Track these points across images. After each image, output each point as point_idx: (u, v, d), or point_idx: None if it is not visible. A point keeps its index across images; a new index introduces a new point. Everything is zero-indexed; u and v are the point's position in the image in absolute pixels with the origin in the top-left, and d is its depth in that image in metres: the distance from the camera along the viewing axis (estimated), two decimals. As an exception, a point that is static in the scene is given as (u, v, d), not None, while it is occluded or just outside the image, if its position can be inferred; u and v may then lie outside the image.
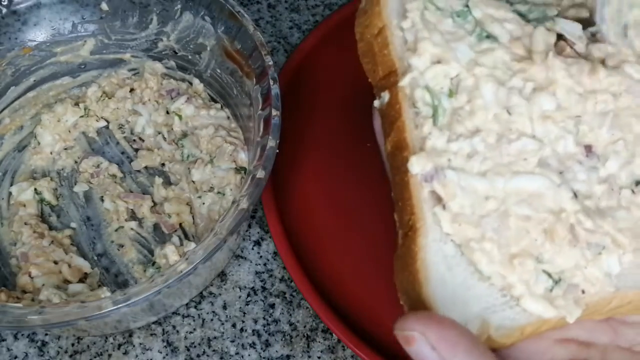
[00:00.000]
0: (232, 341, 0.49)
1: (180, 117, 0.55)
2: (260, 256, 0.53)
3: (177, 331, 0.49)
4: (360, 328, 0.48)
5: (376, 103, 0.35)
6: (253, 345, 0.49)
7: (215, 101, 0.56)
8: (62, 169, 0.56)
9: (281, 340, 0.49)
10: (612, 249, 0.31)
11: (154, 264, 0.49)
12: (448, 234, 0.31)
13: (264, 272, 0.52)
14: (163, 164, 0.55)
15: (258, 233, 0.54)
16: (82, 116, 0.56)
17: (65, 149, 0.56)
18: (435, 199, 0.31)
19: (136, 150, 0.56)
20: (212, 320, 0.50)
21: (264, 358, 0.49)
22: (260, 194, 0.41)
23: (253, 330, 0.50)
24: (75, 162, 0.56)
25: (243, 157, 0.51)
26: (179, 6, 0.52)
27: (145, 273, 0.50)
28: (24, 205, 0.52)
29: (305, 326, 0.50)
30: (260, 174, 0.41)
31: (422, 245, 0.30)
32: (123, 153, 0.56)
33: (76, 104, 0.56)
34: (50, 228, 0.52)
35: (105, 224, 0.53)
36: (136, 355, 0.48)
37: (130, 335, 0.49)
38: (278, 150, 0.43)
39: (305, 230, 0.52)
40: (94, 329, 0.48)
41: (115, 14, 0.53)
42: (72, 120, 0.56)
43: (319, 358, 0.49)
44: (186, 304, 0.50)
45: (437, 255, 0.30)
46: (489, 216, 0.30)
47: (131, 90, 0.57)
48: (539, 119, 0.32)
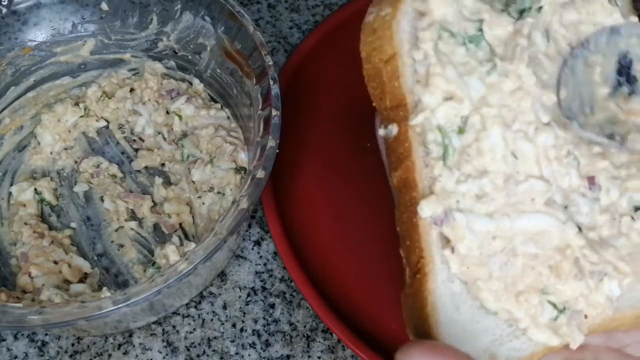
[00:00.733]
0: (232, 341, 0.49)
1: (180, 117, 0.55)
2: (260, 256, 0.53)
3: (177, 331, 0.49)
4: (360, 328, 0.48)
5: (381, 132, 0.34)
6: (253, 345, 0.49)
7: (215, 101, 0.56)
8: (62, 169, 0.56)
9: (281, 340, 0.49)
10: (613, 274, 0.31)
11: (154, 264, 0.49)
12: (456, 274, 0.31)
13: (264, 272, 0.52)
14: (163, 164, 0.55)
15: (258, 233, 0.54)
16: (82, 116, 0.56)
17: (65, 149, 0.56)
18: (444, 239, 0.31)
19: (136, 150, 0.56)
20: (212, 320, 0.50)
21: (264, 358, 0.49)
22: (260, 194, 0.41)
23: (253, 330, 0.50)
24: (75, 162, 0.56)
25: (243, 157, 0.51)
26: (179, 6, 0.52)
27: (145, 273, 0.50)
28: (24, 205, 0.52)
29: (305, 326, 0.50)
30: (260, 174, 0.41)
31: (432, 289, 0.30)
32: (123, 153, 0.56)
33: (76, 104, 0.57)
34: (50, 228, 0.52)
35: (105, 224, 0.53)
36: (136, 355, 0.48)
37: (130, 335, 0.49)
38: (278, 150, 0.43)
39: (305, 230, 0.52)
40: (94, 329, 0.48)
41: (115, 14, 0.53)
42: (72, 120, 0.56)
43: (319, 358, 0.49)
44: (186, 304, 0.50)
45: (446, 296, 0.30)
46: (495, 255, 0.31)
47: (131, 90, 0.57)
48: (545, 159, 0.32)
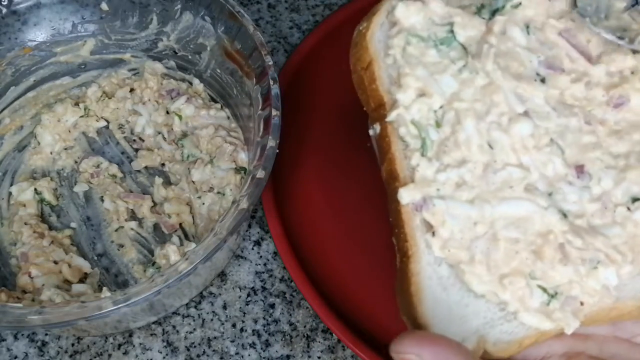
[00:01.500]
0: (232, 341, 0.49)
1: (180, 117, 0.55)
2: (260, 256, 0.53)
3: (177, 331, 0.49)
4: (360, 328, 0.48)
5: (371, 132, 0.37)
6: (253, 345, 0.49)
7: (216, 101, 0.56)
8: (62, 169, 0.56)
9: (281, 340, 0.49)
10: (608, 263, 0.31)
11: (154, 264, 0.49)
12: (441, 257, 0.32)
13: (264, 272, 0.52)
14: (163, 164, 0.55)
15: (258, 233, 0.54)
16: (82, 116, 0.56)
17: (65, 149, 0.56)
18: (427, 225, 0.32)
19: (136, 150, 0.56)
20: (212, 320, 0.50)
21: (264, 358, 0.48)
22: (260, 194, 0.41)
23: (253, 330, 0.50)
24: (75, 162, 0.56)
25: (243, 157, 0.51)
26: (179, 6, 0.52)
27: (145, 273, 0.50)
28: (24, 205, 0.52)
29: (305, 326, 0.50)
30: (260, 174, 0.41)
31: (415, 271, 0.31)
32: (123, 153, 0.56)
33: (76, 104, 0.57)
34: (50, 228, 0.52)
35: (105, 224, 0.53)
36: (136, 355, 0.48)
37: (130, 335, 0.49)
38: (278, 150, 0.43)
39: (305, 230, 0.52)
40: (94, 329, 0.48)
41: (115, 14, 0.53)
42: (72, 120, 0.56)
43: (319, 358, 0.49)
44: (186, 304, 0.50)
45: (432, 278, 0.31)
46: (478, 240, 0.31)
47: (131, 90, 0.57)
48: (522, 148, 0.33)
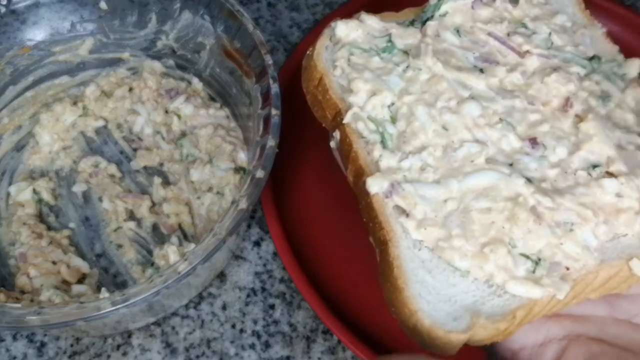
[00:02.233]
0: (232, 342, 0.49)
1: (179, 117, 0.54)
2: (260, 257, 0.53)
3: (177, 332, 0.49)
4: (360, 329, 0.47)
5: (332, 144, 0.39)
6: (253, 346, 0.49)
7: (215, 100, 0.56)
8: (61, 169, 0.55)
9: (281, 341, 0.49)
10: (581, 223, 0.32)
11: (153, 264, 0.49)
12: (419, 240, 0.32)
13: (263, 273, 0.52)
14: (162, 164, 0.55)
15: (258, 233, 0.54)
16: (81, 116, 0.56)
17: (64, 149, 0.56)
18: (400, 212, 0.33)
19: (135, 149, 0.56)
20: (212, 321, 0.50)
21: (263, 359, 0.48)
22: (260, 194, 0.41)
23: (253, 331, 0.49)
24: (74, 162, 0.55)
25: (242, 157, 0.51)
26: (178, 5, 0.51)
27: (144, 274, 0.49)
28: (23, 205, 0.52)
29: (305, 327, 0.50)
30: (260, 173, 0.41)
31: (396, 254, 0.32)
32: (122, 153, 0.56)
33: (75, 104, 0.56)
34: (49, 228, 0.52)
35: (104, 224, 0.52)
36: (135, 356, 0.48)
37: (129, 336, 0.49)
38: (278, 150, 0.42)
39: (305, 231, 0.52)
40: (93, 330, 0.48)
41: (114, 13, 0.53)
42: (71, 119, 0.56)
43: (319, 359, 0.48)
44: (185, 305, 0.50)
45: (414, 261, 0.32)
46: (451, 216, 0.32)
47: (130, 89, 0.57)
48: (475, 127, 0.35)
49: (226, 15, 0.49)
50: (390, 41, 0.39)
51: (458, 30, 0.39)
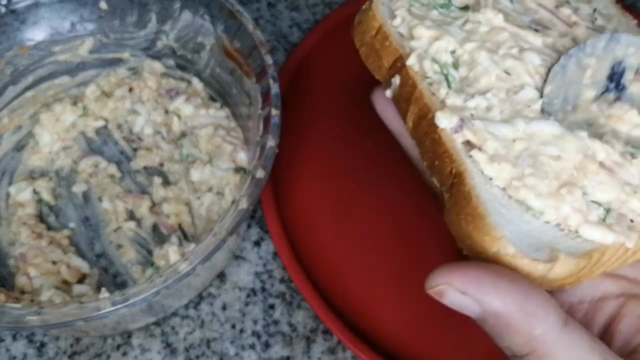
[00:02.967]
0: (232, 342, 0.49)
1: (179, 117, 0.54)
2: (260, 257, 0.53)
3: (176, 332, 0.49)
4: (360, 329, 0.47)
5: (388, 93, 0.38)
6: (253, 346, 0.49)
7: (215, 100, 0.56)
8: (61, 169, 0.55)
9: (281, 341, 0.49)
10: None
11: (152, 264, 0.49)
12: (490, 178, 0.32)
13: (263, 273, 0.52)
14: (162, 164, 0.55)
15: (258, 233, 0.54)
16: (81, 116, 0.56)
17: (64, 149, 0.56)
18: (469, 147, 0.33)
19: (135, 149, 0.56)
20: (212, 321, 0.50)
21: (263, 359, 0.48)
22: (260, 194, 0.41)
23: (253, 331, 0.49)
24: (74, 162, 0.55)
25: (242, 157, 0.51)
26: (178, 5, 0.51)
27: (144, 274, 0.49)
28: (23, 206, 0.52)
29: (305, 327, 0.50)
30: (260, 173, 0.41)
31: (472, 185, 0.31)
32: (122, 153, 0.56)
33: (75, 104, 0.56)
34: (49, 228, 0.52)
35: (104, 224, 0.52)
36: (135, 357, 0.48)
37: (129, 336, 0.49)
38: (278, 150, 0.42)
39: (305, 230, 0.52)
40: (93, 330, 0.48)
41: (114, 13, 0.53)
42: (71, 119, 0.56)
43: (319, 359, 0.48)
44: (185, 305, 0.50)
45: (488, 194, 0.31)
46: (521, 157, 0.32)
47: (130, 89, 0.57)
48: (536, 74, 0.35)
49: (226, 15, 0.49)
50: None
51: None
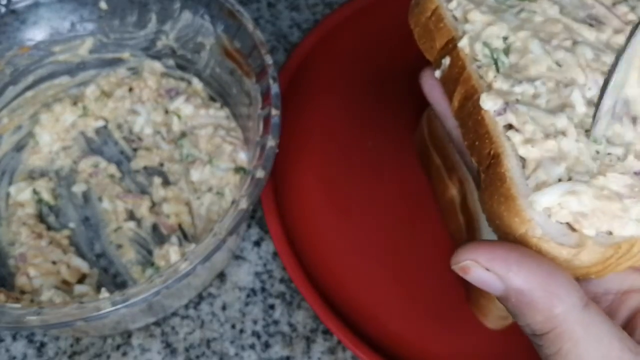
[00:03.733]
0: (232, 342, 0.49)
1: (179, 117, 0.54)
2: (260, 257, 0.53)
3: (176, 332, 0.49)
4: (360, 329, 0.47)
5: (437, 73, 0.39)
6: (253, 346, 0.49)
7: (215, 100, 0.56)
8: (61, 169, 0.55)
9: (281, 341, 0.49)
10: None
11: (152, 264, 0.49)
12: (523, 159, 0.32)
13: (263, 273, 0.52)
14: (162, 164, 0.55)
15: (258, 233, 0.54)
16: (81, 116, 0.56)
17: (64, 149, 0.56)
18: (509, 129, 0.33)
19: (135, 149, 0.56)
20: (212, 321, 0.50)
21: (263, 359, 0.48)
22: (260, 194, 0.41)
23: (253, 331, 0.49)
24: (74, 162, 0.55)
25: (242, 157, 0.51)
26: (178, 5, 0.51)
27: (144, 274, 0.49)
28: (23, 206, 0.52)
29: (305, 327, 0.50)
30: (260, 173, 0.41)
31: (508, 167, 0.32)
32: (122, 153, 0.56)
33: (75, 104, 0.56)
34: (49, 228, 0.52)
35: (104, 224, 0.52)
36: (135, 357, 0.48)
37: (129, 337, 0.49)
38: (278, 150, 0.42)
39: (305, 230, 0.52)
40: (93, 330, 0.48)
41: (114, 13, 0.53)
42: (71, 119, 0.56)
43: (319, 359, 0.48)
44: (185, 305, 0.50)
45: (523, 177, 0.31)
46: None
47: (130, 89, 0.57)
48: (587, 68, 0.35)
49: (226, 15, 0.49)
50: None
51: None
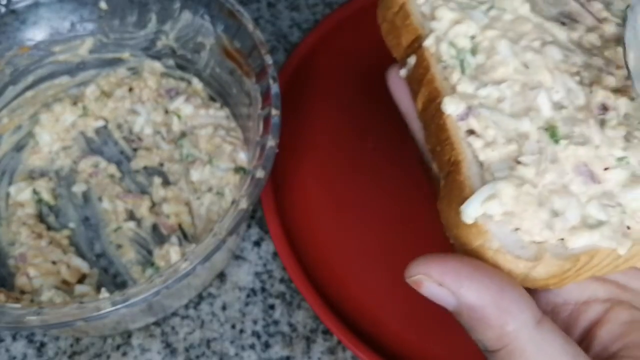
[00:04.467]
0: (232, 342, 0.49)
1: (179, 117, 0.54)
2: (260, 257, 0.53)
3: (176, 332, 0.49)
4: (360, 329, 0.47)
5: (403, 72, 0.38)
6: (252, 346, 0.49)
7: (215, 100, 0.56)
8: (61, 169, 0.55)
9: (281, 341, 0.49)
10: None
11: (153, 264, 0.49)
12: (482, 163, 0.31)
13: (263, 273, 0.52)
14: (162, 164, 0.55)
15: (257, 233, 0.54)
16: (81, 116, 0.56)
17: (64, 149, 0.56)
18: (471, 134, 0.32)
19: (135, 149, 0.56)
20: (212, 321, 0.50)
21: (263, 359, 0.48)
22: (260, 194, 0.41)
23: (252, 332, 0.49)
24: (74, 162, 0.55)
25: (242, 157, 0.51)
26: (178, 5, 0.51)
27: (144, 274, 0.49)
28: (23, 206, 0.52)
29: (305, 327, 0.50)
30: (260, 173, 0.41)
31: (468, 175, 0.31)
32: (122, 153, 0.56)
33: (74, 104, 0.56)
34: (49, 228, 0.52)
35: (104, 224, 0.52)
36: (135, 357, 0.48)
37: (129, 337, 0.49)
38: (278, 150, 0.42)
39: (305, 230, 0.52)
40: (93, 330, 0.48)
41: (114, 13, 0.53)
42: (71, 119, 0.56)
43: (319, 359, 0.48)
44: (185, 305, 0.50)
45: (482, 185, 0.31)
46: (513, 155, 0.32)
47: (130, 89, 0.57)
48: (555, 70, 0.34)
49: (226, 15, 0.49)
50: None
51: None
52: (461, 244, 0.30)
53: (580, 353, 0.27)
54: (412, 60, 0.37)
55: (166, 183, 0.54)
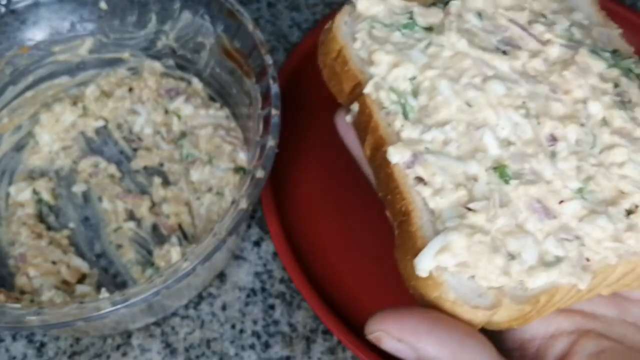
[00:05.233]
0: (232, 342, 0.49)
1: (179, 117, 0.54)
2: (260, 257, 0.53)
3: (176, 332, 0.49)
4: (360, 329, 0.47)
5: (348, 118, 0.37)
6: (252, 346, 0.49)
7: (215, 100, 0.56)
8: (61, 169, 0.55)
9: (281, 341, 0.49)
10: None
11: (152, 264, 0.49)
12: (433, 211, 0.31)
13: (263, 273, 0.52)
14: (162, 164, 0.55)
15: (257, 233, 0.54)
16: (81, 116, 0.56)
17: (64, 149, 0.56)
18: (419, 181, 0.32)
19: (135, 150, 0.56)
20: (212, 321, 0.50)
21: (263, 359, 0.48)
22: (260, 194, 0.41)
23: (252, 332, 0.49)
24: (74, 162, 0.55)
25: (242, 157, 0.51)
26: (178, 5, 0.51)
27: (144, 274, 0.49)
28: (22, 206, 0.52)
29: (305, 327, 0.50)
30: (260, 173, 0.41)
31: (419, 225, 0.30)
32: (121, 153, 0.56)
33: (74, 104, 0.56)
34: (49, 228, 0.52)
35: (104, 224, 0.52)
36: (135, 357, 0.48)
37: (129, 337, 0.49)
38: (278, 150, 0.42)
39: (305, 231, 0.52)
40: (93, 330, 0.48)
41: (114, 13, 0.53)
42: (71, 119, 0.56)
43: (319, 359, 0.48)
44: (185, 305, 0.50)
45: (434, 234, 0.30)
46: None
47: (130, 89, 0.57)
48: (499, 105, 0.33)
49: (226, 15, 0.49)
50: (412, 18, 0.38)
51: (480, 14, 0.38)
52: (420, 294, 0.30)
53: None
54: (356, 107, 0.36)
55: (166, 183, 0.54)
